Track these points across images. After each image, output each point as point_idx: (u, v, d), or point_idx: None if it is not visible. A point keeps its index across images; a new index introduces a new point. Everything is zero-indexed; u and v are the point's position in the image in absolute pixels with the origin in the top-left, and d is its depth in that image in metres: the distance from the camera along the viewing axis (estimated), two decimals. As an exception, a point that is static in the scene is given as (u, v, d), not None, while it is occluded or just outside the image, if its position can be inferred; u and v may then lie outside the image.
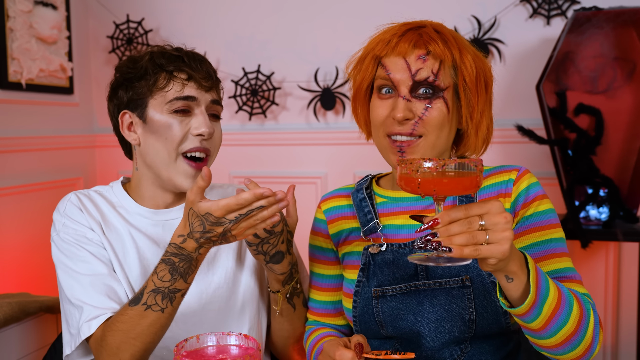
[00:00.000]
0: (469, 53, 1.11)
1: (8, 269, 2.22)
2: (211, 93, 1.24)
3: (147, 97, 1.22)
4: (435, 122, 1.09)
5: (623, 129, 2.05)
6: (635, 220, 2.00)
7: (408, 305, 1.11)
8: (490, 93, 1.14)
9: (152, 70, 1.22)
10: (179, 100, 1.20)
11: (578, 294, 1.01)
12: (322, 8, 2.48)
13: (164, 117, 1.21)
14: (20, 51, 2.25)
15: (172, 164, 1.22)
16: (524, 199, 1.12)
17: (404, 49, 1.09)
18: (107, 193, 1.32)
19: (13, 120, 2.27)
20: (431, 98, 1.09)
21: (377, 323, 1.13)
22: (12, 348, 1.75)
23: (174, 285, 1.09)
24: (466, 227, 0.83)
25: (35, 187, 2.36)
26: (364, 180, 1.26)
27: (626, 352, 2.25)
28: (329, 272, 1.27)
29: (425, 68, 1.08)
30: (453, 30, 1.16)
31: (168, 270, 1.09)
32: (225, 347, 0.98)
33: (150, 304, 1.10)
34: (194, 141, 1.21)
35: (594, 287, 2.26)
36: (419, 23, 1.14)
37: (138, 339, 1.11)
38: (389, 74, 1.10)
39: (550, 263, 1.08)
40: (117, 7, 2.67)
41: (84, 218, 1.24)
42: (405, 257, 1.13)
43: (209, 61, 1.29)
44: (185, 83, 1.21)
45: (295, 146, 2.55)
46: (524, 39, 2.28)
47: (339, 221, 1.24)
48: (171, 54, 1.24)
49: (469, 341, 1.11)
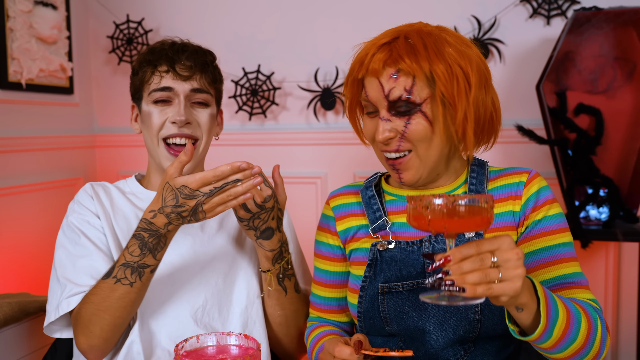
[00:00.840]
0: (441, 61, 1.05)
1: (8, 269, 2.22)
2: (190, 82, 1.30)
3: (141, 91, 1.34)
4: (418, 136, 1.09)
5: (623, 129, 2.05)
6: (635, 220, 2.00)
7: (414, 302, 1.11)
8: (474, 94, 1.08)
9: (141, 66, 1.33)
10: (157, 92, 1.30)
11: (585, 306, 1.02)
12: (322, 8, 2.48)
13: (148, 108, 1.32)
14: (20, 51, 2.24)
15: (157, 149, 1.32)
16: (534, 202, 1.13)
17: (375, 69, 1.08)
18: (121, 184, 1.43)
19: (13, 120, 2.26)
20: (409, 114, 1.08)
21: (382, 319, 1.13)
22: (12, 348, 1.75)
23: (143, 261, 1.14)
24: (478, 265, 0.83)
25: (35, 187, 2.36)
26: (373, 178, 1.26)
27: (626, 352, 2.25)
28: (334, 269, 1.27)
29: (397, 87, 1.07)
30: (434, 28, 1.12)
31: (138, 245, 1.14)
32: (225, 347, 0.98)
33: (120, 278, 1.15)
34: (172, 128, 1.29)
35: (594, 287, 2.26)
36: (395, 33, 1.11)
37: (107, 312, 1.16)
38: (367, 96, 1.11)
39: (558, 268, 1.09)
40: (117, 7, 2.67)
41: (92, 204, 1.33)
42: (412, 255, 1.13)
43: (201, 51, 1.35)
44: (163, 75, 1.30)
45: (295, 146, 2.55)
46: (524, 39, 2.27)
47: (348, 218, 1.25)
48: (161, 48, 1.32)
49: (472, 341, 1.11)
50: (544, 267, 1.10)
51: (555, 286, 1.09)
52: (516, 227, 1.13)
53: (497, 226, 1.13)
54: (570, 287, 1.08)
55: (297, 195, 2.46)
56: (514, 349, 1.17)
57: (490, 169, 1.20)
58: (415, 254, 1.13)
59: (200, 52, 1.34)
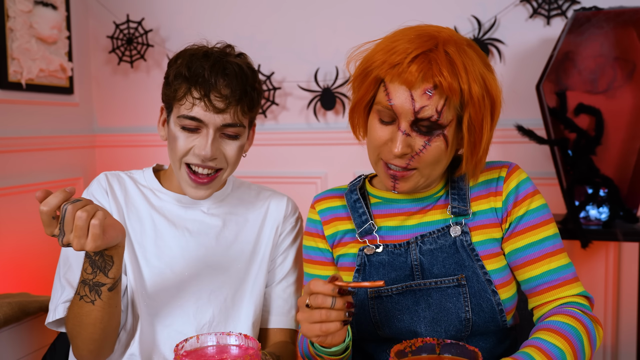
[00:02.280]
0: (476, 80, 1.02)
1: (8, 269, 2.22)
2: (223, 115, 1.18)
3: (172, 103, 1.23)
4: (432, 159, 1.06)
5: (623, 129, 2.05)
6: (635, 220, 2.00)
7: (404, 305, 1.11)
8: (496, 118, 1.08)
9: (175, 79, 1.20)
10: (185, 119, 1.19)
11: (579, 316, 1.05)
12: (322, 8, 2.48)
13: (174, 129, 1.22)
14: (20, 51, 2.24)
15: (178, 171, 1.24)
16: (514, 197, 1.12)
17: (411, 79, 1.01)
18: (137, 175, 1.36)
19: (13, 120, 2.26)
20: (431, 135, 1.05)
21: (374, 324, 1.13)
22: (12, 348, 1.75)
23: (97, 279, 1.10)
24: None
25: (35, 187, 2.36)
26: (357, 181, 1.24)
27: (626, 352, 2.25)
28: (324, 273, 1.25)
29: (430, 105, 1.02)
30: (464, 41, 1.06)
31: (88, 263, 1.09)
32: (225, 347, 0.98)
33: (82, 295, 1.12)
34: (195, 158, 1.21)
35: (594, 287, 2.26)
36: (431, 39, 1.03)
37: (81, 327, 1.14)
38: (392, 104, 1.04)
39: (545, 264, 1.10)
40: (117, 7, 2.67)
41: (105, 199, 1.28)
42: (400, 257, 1.13)
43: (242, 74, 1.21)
44: (195, 103, 1.18)
45: (295, 146, 2.55)
46: (524, 39, 2.27)
47: (334, 222, 1.23)
48: (196, 66, 1.18)
49: (465, 340, 1.11)
50: (531, 264, 1.10)
51: (544, 284, 1.10)
52: (500, 224, 1.13)
53: (481, 223, 1.13)
54: (559, 286, 1.09)
55: (297, 196, 2.45)
56: (510, 344, 1.17)
57: None
58: (403, 257, 1.13)
59: (241, 76, 1.20)
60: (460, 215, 1.13)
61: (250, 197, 1.39)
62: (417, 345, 0.92)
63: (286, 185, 2.52)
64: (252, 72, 1.24)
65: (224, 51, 1.24)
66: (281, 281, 1.37)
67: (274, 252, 1.36)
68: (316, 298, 0.96)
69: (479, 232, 1.12)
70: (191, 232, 1.30)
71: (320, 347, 1.04)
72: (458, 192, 1.14)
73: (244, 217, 1.36)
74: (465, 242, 1.11)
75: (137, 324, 1.24)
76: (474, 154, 1.08)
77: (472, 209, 1.13)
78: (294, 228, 1.39)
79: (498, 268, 1.11)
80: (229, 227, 1.33)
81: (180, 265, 1.27)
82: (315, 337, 0.98)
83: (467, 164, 1.09)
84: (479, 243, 1.12)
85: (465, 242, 1.11)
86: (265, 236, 1.36)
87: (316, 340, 0.99)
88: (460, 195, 1.14)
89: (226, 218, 1.34)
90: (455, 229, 1.11)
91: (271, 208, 1.38)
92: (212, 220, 1.33)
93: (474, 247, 1.11)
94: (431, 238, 1.12)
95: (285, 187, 2.52)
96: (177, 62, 1.22)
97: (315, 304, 0.96)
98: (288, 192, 1.42)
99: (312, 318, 0.96)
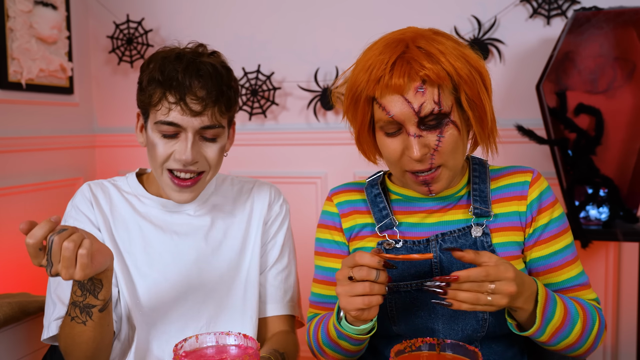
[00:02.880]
0: (458, 59, 1.03)
1: (8, 269, 2.22)
2: (201, 118, 1.16)
3: (149, 109, 1.20)
4: (450, 148, 1.06)
5: (623, 129, 2.05)
6: (635, 220, 2.00)
7: (422, 301, 1.11)
8: (489, 86, 1.09)
9: (149, 84, 1.17)
10: (163, 125, 1.17)
11: (587, 307, 1.09)
12: (321, 8, 2.48)
13: (152, 135, 1.20)
14: (20, 51, 2.25)
15: (160, 177, 1.23)
16: (538, 204, 1.14)
17: (399, 86, 1.01)
18: (121, 182, 1.33)
19: (13, 120, 2.26)
20: (441, 127, 1.04)
21: (390, 318, 1.13)
22: (12, 348, 1.74)
23: (87, 301, 1.08)
24: (475, 288, 0.93)
25: (35, 187, 2.36)
26: (377, 176, 1.24)
27: (626, 352, 2.25)
28: (338, 266, 1.22)
29: (427, 101, 1.02)
30: (429, 32, 1.07)
31: (78, 285, 1.08)
32: (224, 347, 0.98)
33: (73, 316, 1.10)
34: (176, 164, 1.19)
35: (594, 287, 2.26)
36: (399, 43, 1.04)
37: (74, 347, 1.13)
38: (391, 116, 1.04)
39: (566, 272, 1.14)
40: (117, 7, 2.67)
41: (92, 213, 1.26)
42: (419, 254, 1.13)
43: (217, 74, 1.18)
44: (171, 107, 1.15)
45: (295, 146, 2.55)
46: (524, 39, 2.27)
47: (352, 215, 1.22)
48: (172, 69, 1.15)
49: (479, 341, 1.12)
50: (553, 272, 1.14)
51: (563, 289, 1.14)
52: (523, 228, 1.14)
53: (502, 226, 1.14)
54: (576, 290, 1.14)
55: (297, 195, 2.46)
56: (519, 349, 1.18)
57: (490, 167, 1.20)
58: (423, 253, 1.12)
59: (216, 76, 1.17)
60: (481, 216, 1.13)
61: (234, 193, 1.38)
62: (417, 345, 0.92)
63: (286, 185, 2.52)
64: (227, 70, 1.22)
65: (196, 51, 1.21)
66: (272, 267, 1.36)
67: (263, 239, 1.36)
68: (361, 270, 0.96)
69: (500, 234, 1.13)
70: (179, 235, 1.29)
71: (350, 326, 1.04)
72: (480, 194, 1.15)
73: (231, 214, 1.35)
74: (485, 243, 1.11)
75: (134, 335, 1.23)
76: (484, 127, 1.09)
77: (493, 211, 1.14)
78: (280, 214, 1.38)
79: None
80: (216, 226, 1.32)
81: (172, 271, 1.26)
82: (355, 310, 0.98)
83: (481, 139, 1.11)
84: (499, 245, 1.12)
85: (486, 243, 1.11)
86: (253, 228, 1.35)
87: (355, 314, 0.99)
88: (482, 197, 1.14)
89: (213, 217, 1.33)
90: (476, 229, 1.12)
91: (255, 200, 1.37)
92: (199, 221, 1.31)
93: (494, 248, 1.12)
94: (452, 237, 1.13)
95: (285, 187, 2.52)
96: (149, 66, 1.19)
97: (359, 277, 0.96)
98: (288, 192, 1.42)
99: (354, 291, 0.97)
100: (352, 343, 1.08)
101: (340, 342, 1.09)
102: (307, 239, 1.63)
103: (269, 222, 1.37)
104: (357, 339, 1.06)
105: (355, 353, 1.14)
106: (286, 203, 1.42)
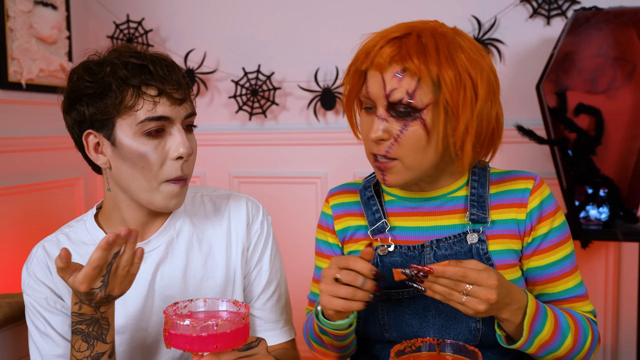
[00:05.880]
0: (451, 66, 0.99)
1: (8, 269, 2.22)
2: (184, 106, 1.10)
3: (115, 117, 1.07)
4: (411, 145, 1.02)
5: (623, 129, 2.05)
6: (635, 220, 2.00)
7: (414, 310, 1.09)
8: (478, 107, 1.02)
9: (117, 87, 1.06)
10: (151, 121, 1.06)
11: (580, 320, 1.07)
12: (322, 8, 2.48)
13: (136, 143, 1.07)
14: (20, 51, 2.25)
15: (154, 191, 1.10)
16: (539, 214, 1.10)
17: (380, 64, 1.01)
18: (79, 231, 1.19)
19: (13, 120, 2.27)
20: (407, 119, 1.01)
21: (381, 326, 1.12)
22: (12, 348, 1.75)
23: (95, 351, 1.04)
24: (451, 286, 0.93)
25: (35, 187, 2.36)
26: (372, 177, 1.22)
27: (626, 352, 2.25)
28: None
29: (400, 88, 1.00)
30: (450, 30, 1.05)
31: (81, 340, 1.03)
32: (215, 312, 0.99)
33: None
34: (174, 167, 1.09)
35: (594, 287, 2.26)
36: (408, 28, 1.04)
37: None
38: (368, 91, 1.04)
39: (564, 282, 1.11)
40: (117, 7, 2.67)
41: (48, 278, 1.15)
42: (414, 260, 1.11)
43: (176, 63, 1.14)
44: (156, 100, 1.06)
45: (295, 146, 2.55)
46: (524, 39, 2.28)
47: (345, 218, 1.21)
48: (135, 64, 1.08)
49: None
50: (551, 282, 1.11)
51: (560, 300, 1.12)
52: (521, 236, 1.11)
53: (499, 233, 1.11)
54: (572, 301, 1.12)
55: (297, 195, 2.47)
56: (513, 358, 1.16)
57: (492, 170, 1.16)
58: (416, 260, 1.10)
59: (171, 63, 1.11)
60: (478, 222, 1.10)
61: (208, 213, 1.25)
62: (417, 345, 0.92)
63: (286, 185, 2.52)
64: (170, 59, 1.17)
65: (134, 48, 1.15)
66: (260, 295, 1.27)
67: (245, 269, 1.25)
68: (348, 274, 0.96)
69: (496, 241, 1.10)
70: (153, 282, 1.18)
71: (327, 321, 1.04)
72: (478, 199, 1.11)
73: (207, 243, 1.22)
74: (481, 250, 1.09)
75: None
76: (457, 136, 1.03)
77: (491, 217, 1.11)
78: (262, 234, 1.27)
79: (512, 279, 1.09)
80: (193, 261, 1.20)
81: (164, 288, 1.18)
82: (333, 311, 0.98)
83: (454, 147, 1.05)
84: (495, 252, 1.10)
85: (482, 250, 1.09)
86: (233, 255, 1.24)
87: (331, 313, 0.99)
88: (479, 202, 1.11)
89: (187, 252, 1.20)
90: (472, 236, 1.09)
91: (232, 219, 1.25)
92: (173, 261, 1.19)
93: (490, 256, 1.09)
94: (447, 243, 1.10)
95: (286, 187, 2.53)
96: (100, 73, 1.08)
97: (345, 280, 0.96)
98: (288, 192, 1.41)
99: (337, 292, 0.96)
100: (333, 338, 1.08)
101: (323, 336, 1.09)
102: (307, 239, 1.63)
103: (250, 248, 1.25)
104: (336, 334, 1.06)
105: (341, 349, 1.13)
106: (267, 216, 1.30)
